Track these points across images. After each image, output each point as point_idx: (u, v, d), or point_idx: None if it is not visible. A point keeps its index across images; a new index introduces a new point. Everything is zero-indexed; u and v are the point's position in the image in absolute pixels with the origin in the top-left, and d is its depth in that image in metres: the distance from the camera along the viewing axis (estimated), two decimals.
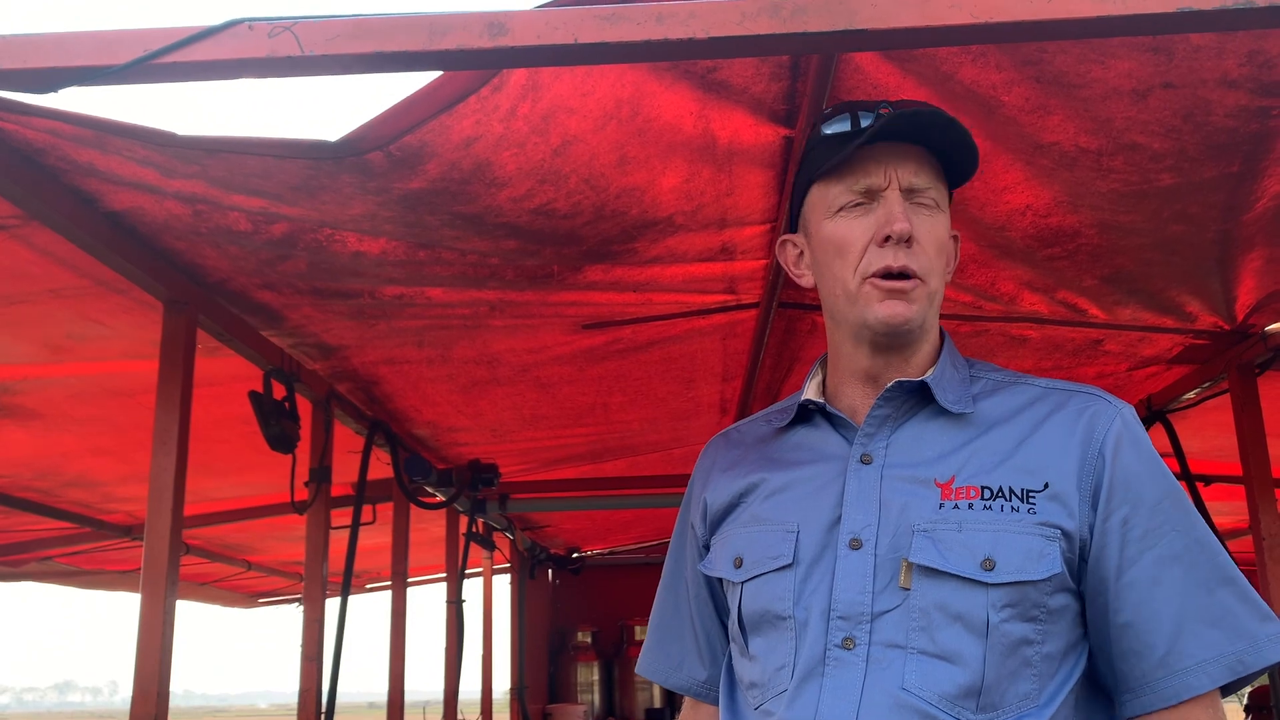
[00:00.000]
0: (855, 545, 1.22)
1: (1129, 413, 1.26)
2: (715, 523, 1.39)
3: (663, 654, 1.47)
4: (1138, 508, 1.19)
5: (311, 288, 2.48)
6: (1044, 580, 1.16)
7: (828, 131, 1.29)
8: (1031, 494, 1.19)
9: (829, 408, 1.32)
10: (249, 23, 1.39)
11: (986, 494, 1.20)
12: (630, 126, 1.87)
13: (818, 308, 3.03)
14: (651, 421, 4.32)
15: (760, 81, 1.84)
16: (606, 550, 8.14)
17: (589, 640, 8.01)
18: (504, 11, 1.36)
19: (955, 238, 1.34)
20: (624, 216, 2.20)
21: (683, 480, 5.26)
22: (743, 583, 1.30)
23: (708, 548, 1.39)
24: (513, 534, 6.51)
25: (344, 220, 2.08)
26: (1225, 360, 3.03)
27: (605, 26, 1.35)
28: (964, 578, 1.16)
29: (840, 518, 1.24)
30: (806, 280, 1.36)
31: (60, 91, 1.46)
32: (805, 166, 1.34)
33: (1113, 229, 2.27)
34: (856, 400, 1.31)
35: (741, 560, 1.31)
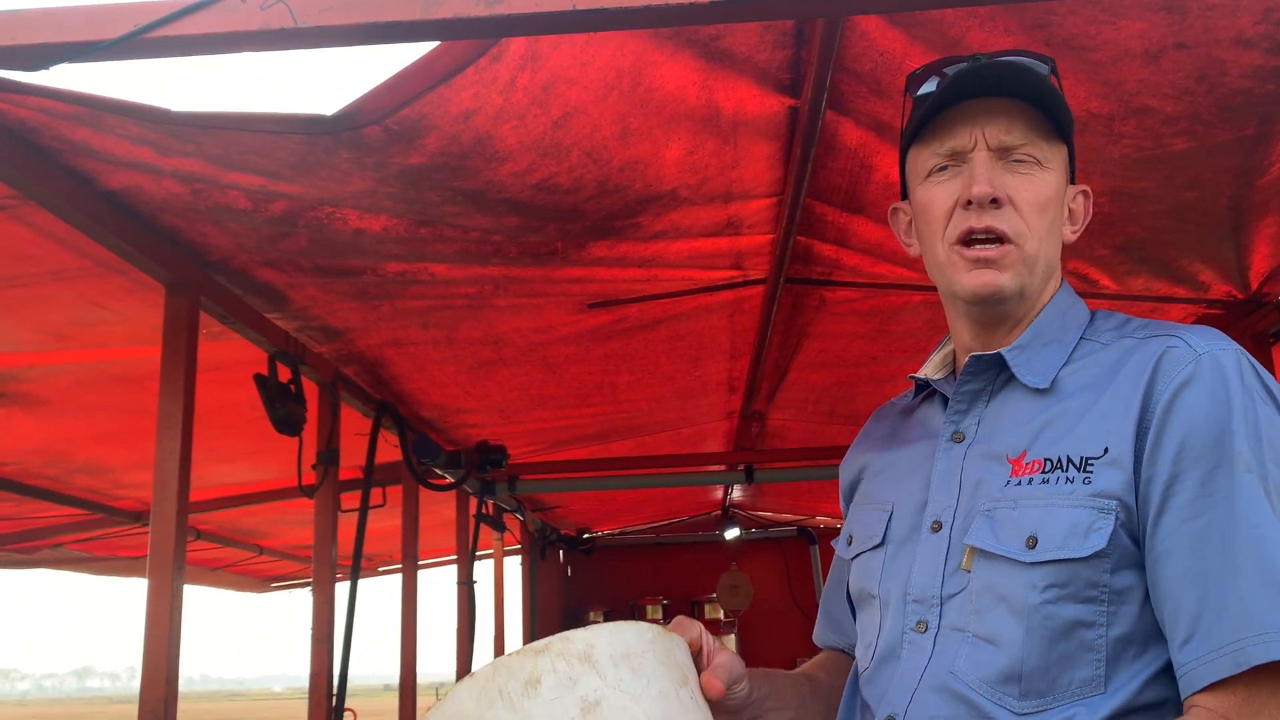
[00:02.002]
0: (936, 528, 1.19)
1: (1216, 357, 1.07)
2: (846, 502, 1.41)
3: (827, 621, 1.48)
4: (1188, 469, 1.04)
5: (314, 265, 2.46)
6: (1092, 558, 1.06)
7: (917, 93, 1.25)
8: (1090, 461, 1.08)
9: (934, 383, 1.28)
10: None
11: (1048, 466, 1.11)
12: (632, 97, 1.84)
13: (825, 283, 3.01)
14: (659, 400, 4.29)
15: (764, 50, 1.81)
16: (617, 530, 8.15)
17: (601, 620, 8.02)
18: None
19: (1085, 193, 1.25)
20: (627, 190, 2.17)
21: (691, 459, 5.23)
22: (850, 560, 1.32)
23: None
24: (523, 515, 6.51)
25: (343, 197, 2.06)
26: (1239, 330, 2.99)
27: None
28: (1009, 559, 1.10)
29: (928, 499, 1.22)
30: (914, 250, 1.30)
31: (52, 69, 1.44)
32: (902, 131, 1.29)
33: (1124, 196, 2.24)
34: None
35: (852, 538, 1.33)
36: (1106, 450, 1.08)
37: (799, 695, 1.33)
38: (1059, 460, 1.11)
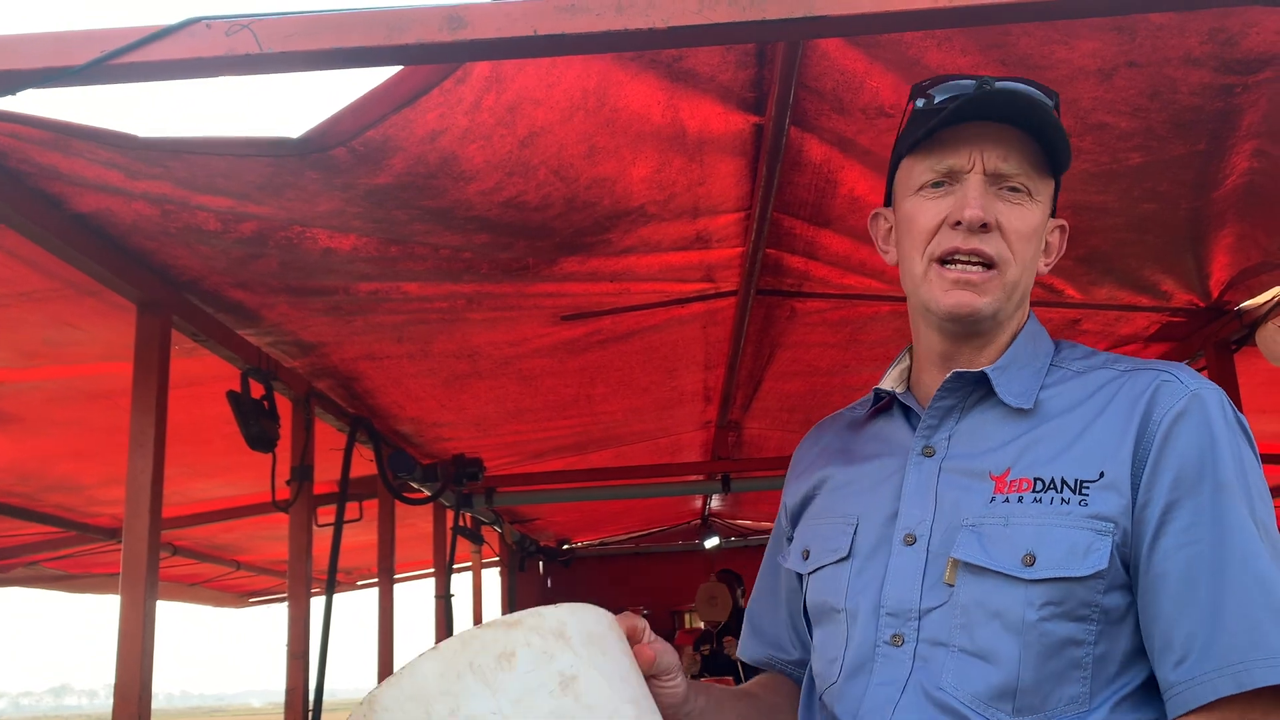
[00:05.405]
0: (909, 541, 1.20)
1: (1207, 394, 1.14)
2: (795, 517, 1.40)
3: (757, 637, 1.46)
4: (1184, 498, 1.09)
5: (285, 286, 2.47)
6: (1090, 577, 1.09)
7: (919, 106, 1.25)
8: (1085, 484, 1.12)
9: (900, 396, 1.29)
10: (206, 21, 1.39)
11: (1039, 486, 1.14)
12: (598, 117, 1.86)
13: (796, 294, 3.04)
14: (635, 411, 4.32)
15: (727, 69, 1.84)
16: (597, 541, 8.15)
17: None
18: (463, 4, 1.35)
19: (1062, 228, 1.28)
20: (596, 207, 2.20)
21: (669, 470, 5.22)
22: (809, 575, 1.32)
23: (790, 541, 1.40)
24: (501, 527, 6.51)
25: (312, 217, 2.07)
26: (1202, 338, 3.04)
27: (564, 18, 1.34)
28: (1003, 574, 1.11)
29: (898, 512, 1.22)
30: (890, 257, 1.30)
31: (19, 94, 1.45)
32: (898, 139, 1.29)
33: (1085, 209, 2.28)
34: (932, 388, 1.26)
35: (809, 552, 1.32)
36: (1102, 474, 1.12)
37: (738, 710, 1.34)
38: (1052, 481, 1.13)
